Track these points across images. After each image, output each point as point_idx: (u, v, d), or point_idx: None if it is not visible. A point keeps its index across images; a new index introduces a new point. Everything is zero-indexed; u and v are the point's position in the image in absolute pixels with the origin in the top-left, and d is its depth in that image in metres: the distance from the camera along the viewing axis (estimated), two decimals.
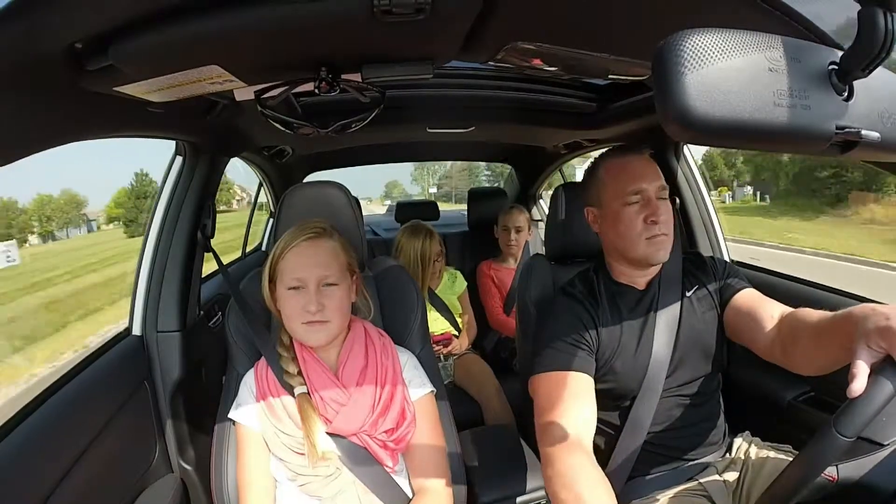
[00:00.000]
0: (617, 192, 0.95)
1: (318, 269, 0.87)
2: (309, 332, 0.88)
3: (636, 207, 0.94)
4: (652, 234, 0.93)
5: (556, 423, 0.82)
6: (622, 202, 0.95)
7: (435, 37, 0.75)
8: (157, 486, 1.15)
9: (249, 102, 0.95)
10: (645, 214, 0.93)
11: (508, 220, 2.16)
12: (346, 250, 0.94)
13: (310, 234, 0.90)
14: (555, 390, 0.88)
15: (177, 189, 1.30)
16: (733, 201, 27.03)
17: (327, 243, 0.91)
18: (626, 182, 0.94)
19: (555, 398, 0.86)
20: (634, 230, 0.94)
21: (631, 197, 0.94)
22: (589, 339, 0.95)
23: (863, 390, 0.55)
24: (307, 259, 0.88)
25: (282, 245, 0.90)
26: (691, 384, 0.97)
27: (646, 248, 0.94)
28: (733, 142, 0.45)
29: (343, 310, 0.90)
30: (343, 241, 0.94)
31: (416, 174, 64.81)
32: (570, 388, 0.88)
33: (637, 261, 0.97)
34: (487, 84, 1.48)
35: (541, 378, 0.91)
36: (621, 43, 0.82)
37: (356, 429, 0.88)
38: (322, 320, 0.87)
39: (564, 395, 0.87)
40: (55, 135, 0.75)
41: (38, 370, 8.17)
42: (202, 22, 0.60)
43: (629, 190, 0.94)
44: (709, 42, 0.40)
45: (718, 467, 0.97)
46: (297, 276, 0.87)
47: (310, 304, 0.86)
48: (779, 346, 0.84)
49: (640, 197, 0.94)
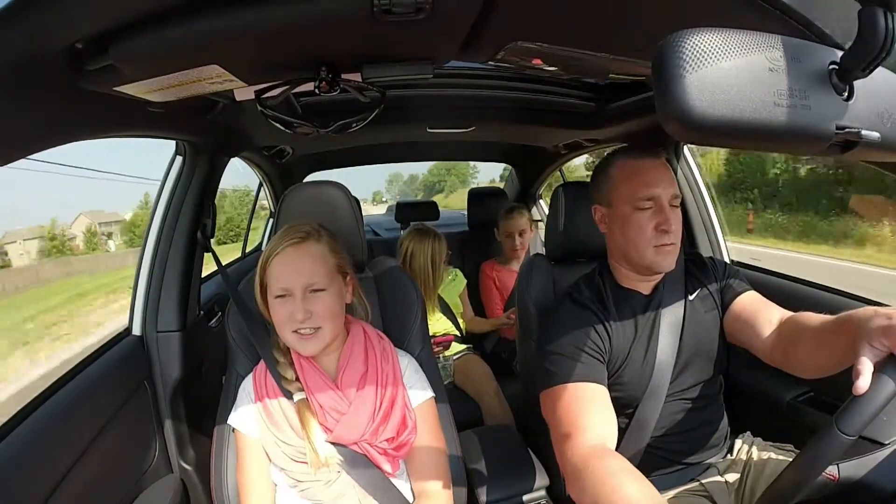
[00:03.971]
0: (629, 195, 0.92)
1: (303, 277, 0.85)
2: (300, 342, 0.86)
3: (648, 214, 0.91)
4: (661, 242, 0.91)
5: (580, 434, 0.77)
6: (633, 206, 0.91)
7: (435, 36, 0.75)
8: (157, 487, 1.15)
9: (249, 102, 0.95)
10: (657, 222, 0.90)
11: (511, 226, 2.11)
12: (335, 252, 0.90)
13: (294, 238, 0.87)
14: (574, 402, 0.83)
15: (177, 189, 1.30)
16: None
17: (313, 247, 0.87)
18: (640, 186, 0.91)
19: (575, 411, 0.82)
20: (644, 237, 0.91)
21: (643, 202, 0.91)
22: (601, 347, 0.92)
23: (868, 387, 0.55)
24: (291, 266, 0.85)
25: (268, 251, 0.87)
26: (694, 388, 0.97)
27: (653, 257, 0.92)
28: (733, 142, 0.45)
29: (333, 315, 0.88)
30: (332, 243, 0.91)
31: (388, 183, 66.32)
32: (589, 399, 0.84)
33: (642, 268, 0.95)
34: (487, 84, 1.48)
35: (556, 391, 0.87)
36: (621, 43, 0.82)
37: (357, 438, 0.87)
38: (312, 328, 0.85)
39: (585, 406, 0.82)
40: (55, 135, 0.75)
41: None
42: (202, 22, 0.60)
43: (642, 195, 0.91)
44: (709, 42, 0.40)
45: (720, 468, 0.97)
46: (283, 285, 0.85)
47: (297, 312, 0.84)
48: (779, 350, 0.84)
49: (652, 203, 0.91)
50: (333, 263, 0.89)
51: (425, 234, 1.93)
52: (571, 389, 0.85)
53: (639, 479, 0.66)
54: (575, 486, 0.71)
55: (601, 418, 0.81)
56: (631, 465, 0.70)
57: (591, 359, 0.90)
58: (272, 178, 2.32)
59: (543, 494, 1.07)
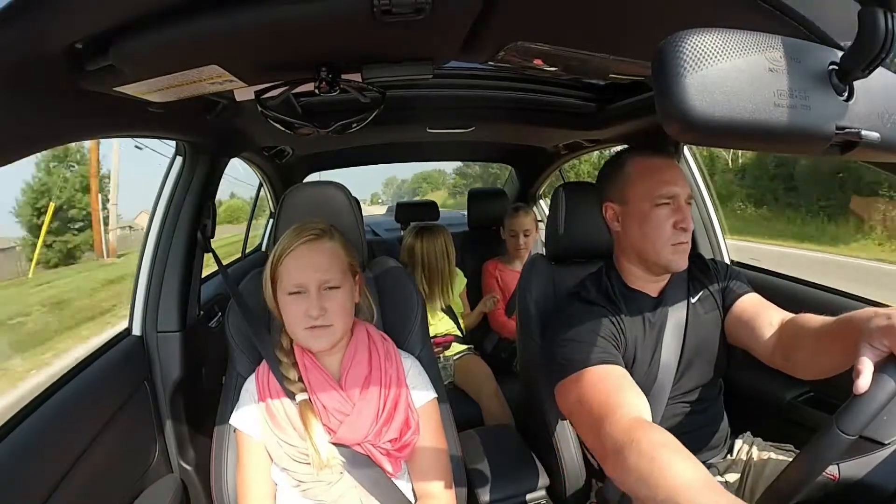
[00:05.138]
0: (648, 192, 0.92)
1: (319, 274, 0.85)
2: (311, 337, 0.86)
3: (667, 211, 0.91)
4: (679, 240, 0.91)
5: (616, 411, 0.70)
6: (653, 203, 0.91)
7: (435, 37, 0.75)
8: (157, 486, 1.15)
9: (249, 102, 0.95)
10: (675, 220, 0.90)
11: (516, 225, 2.11)
12: (347, 250, 0.92)
13: (309, 236, 0.87)
14: (601, 383, 0.78)
15: (177, 189, 1.30)
16: None
17: (327, 245, 0.88)
18: (660, 184, 0.91)
19: (604, 390, 0.76)
20: (663, 234, 0.91)
21: (663, 199, 0.91)
22: (617, 337, 0.91)
23: (868, 386, 0.55)
24: (307, 263, 0.86)
25: (280, 248, 0.88)
26: (695, 390, 0.97)
27: (670, 255, 0.92)
28: (733, 142, 0.45)
29: (346, 312, 0.89)
30: (344, 242, 0.92)
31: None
32: (616, 378, 0.79)
33: (657, 266, 0.94)
34: (487, 84, 1.48)
35: (576, 378, 0.81)
36: (621, 43, 0.82)
37: (360, 439, 0.87)
38: (324, 325, 0.85)
39: (613, 385, 0.77)
40: (55, 135, 0.75)
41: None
42: (202, 22, 0.60)
43: (662, 192, 0.91)
44: (709, 42, 0.40)
45: (720, 468, 0.97)
46: (297, 282, 0.85)
47: (311, 309, 0.84)
48: (780, 352, 0.84)
49: (671, 201, 0.91)
50: (346, 262, 0.90)
51: (434, 231, 1.94)
52: (594, 372, 0.80)
53: (688, 456, 0.61)
54: (617, 466, 0.64)
55: (634, 392, 0.76)
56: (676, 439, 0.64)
57: (609, 344, 0.87)
58: (272, 178, 2.32)
59: (543, 494, 1.07)
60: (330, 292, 0.86)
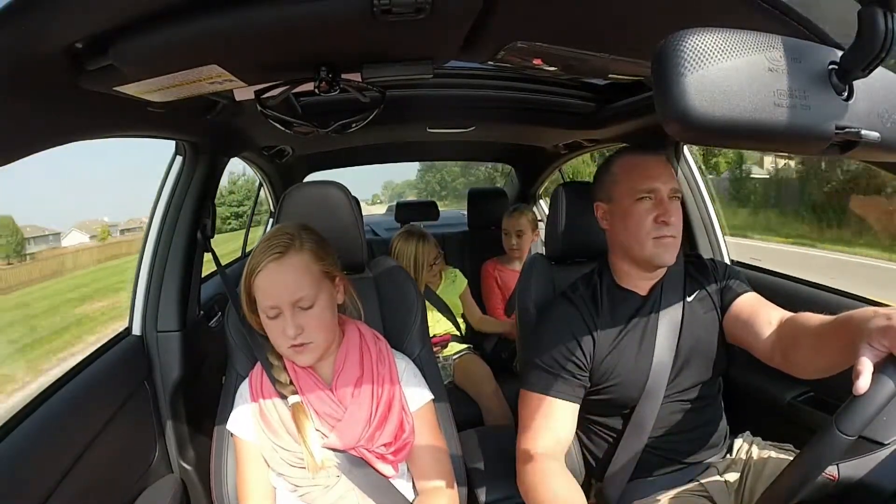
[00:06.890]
0: (629, 189, 0.94)
1: (288, 293, 0.82)
2: (294, 354, 0.85)
3: (648, 205, 0.93)
4: (661, 234, 0.92)
5: (535, 440, 0.91)
6: (633, 198, 0.93)
7: (435, 36, 0.75)
8: (157, 487, 1.15)
9: (249, 102, 0.95)
10: (656, 214, 0.92)
11: (508, 225, 2.13)
12: (319, 258, 0.86)
13: (274, 254, 0.82)
14: (536, 411, 0.93)
15: (177, 189, 1.30)
16: None
17: (294, 259, 0.83)
18: (640, 180, 0.93)
19: (535, 419, 0.93)
20: (643, 228, 0.93)
21: (643, 194, 0.93)
22: (581, 353, 0.95)
23: (868, 387, 0.55)
24: (276, 282, 0.82)
25: (251, 266, 0.84)
26: (693, 389, 0.97)
27: (653, 249, 0.93)
28: (733, 142, 0.45)
29: (325, 326, 0.86)
30: (315, 247, 0.86)
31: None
32: (549, 414, 0.93)
33: (642, 261, 0.96)
34: (487, 84, 1.48)
35: (526, 395, 0.96)
36: (621, 43, 0.82)
37: (352, 443, 0.87)
38: (304, 342, 0.83)
39: (543, 419, 0.92)
40: (55, 135, 0.75)
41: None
42: (202, 22, 0.60)
43: (642, 188, 0.93)
44: (709, 42, 0.40)
45: (719, 468, 0.97)
46: (270, 303, 0.83)
47: (288, 329, 0.82)
48: (779, 351, 0.84)
49: (652, 195, 0.93)
50: (318, 270, 0.85)
51: (410, 236, 1.93)
52: (537, 400, 0.94)
53: (568, 480, 0.86)
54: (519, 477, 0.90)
55: (556, 430, 0.93)
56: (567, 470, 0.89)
57: (569, 373, 0.94)
58: (272, 178, 2.32)
59: None
60: (304, 311, 0.83)
